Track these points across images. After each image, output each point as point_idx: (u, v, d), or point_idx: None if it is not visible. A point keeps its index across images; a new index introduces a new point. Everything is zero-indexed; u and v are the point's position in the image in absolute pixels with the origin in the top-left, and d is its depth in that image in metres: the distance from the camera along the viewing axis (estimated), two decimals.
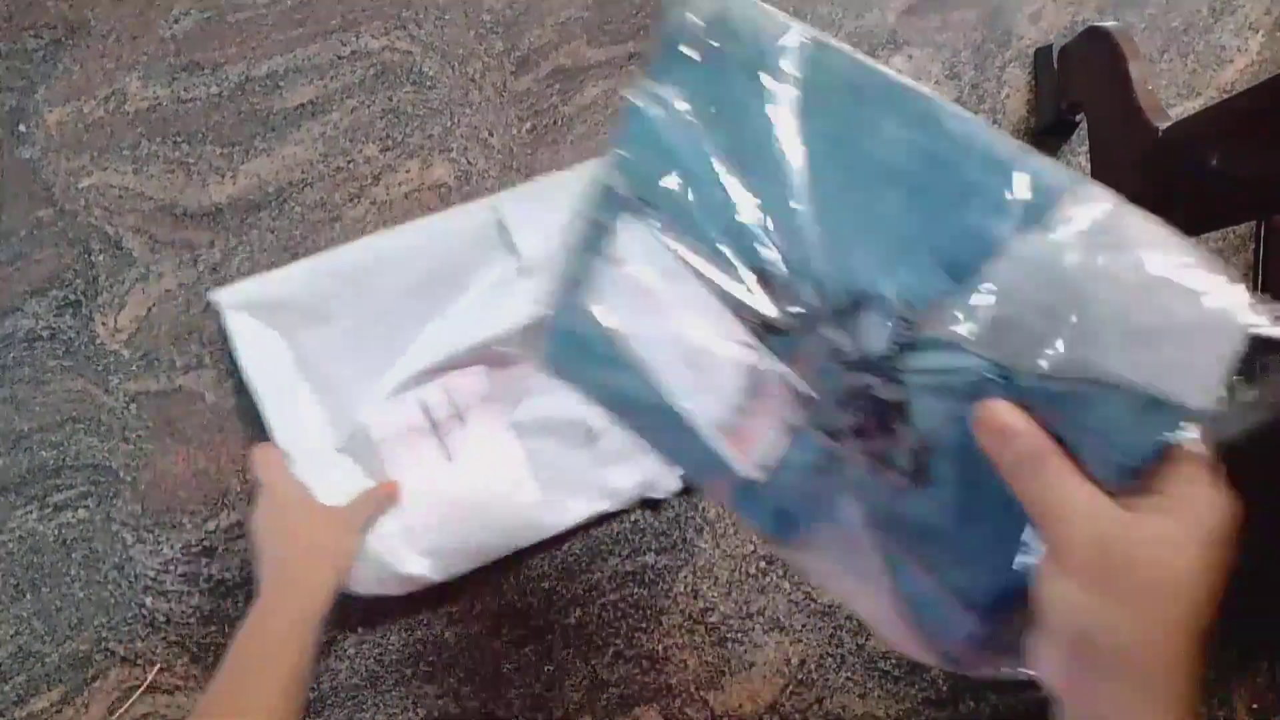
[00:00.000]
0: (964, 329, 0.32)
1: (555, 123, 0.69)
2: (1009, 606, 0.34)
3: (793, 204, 0.36)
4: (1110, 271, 0.31)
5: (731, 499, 0.40)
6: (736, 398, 0.37)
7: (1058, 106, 0.66)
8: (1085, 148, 0.68)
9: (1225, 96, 0.68)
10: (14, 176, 0.69)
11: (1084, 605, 0.27)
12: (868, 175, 0.35)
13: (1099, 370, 0.30)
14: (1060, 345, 0.30)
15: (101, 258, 0.68)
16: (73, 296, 0.68)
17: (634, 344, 0.39)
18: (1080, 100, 0.64)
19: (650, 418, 0.40)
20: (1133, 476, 0.29)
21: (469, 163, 0.69)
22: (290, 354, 0.65)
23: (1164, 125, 0.53)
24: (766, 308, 0.35)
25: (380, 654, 0.67)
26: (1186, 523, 0.28)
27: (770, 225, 0.36)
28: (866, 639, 0.68)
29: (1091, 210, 0.31)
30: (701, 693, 0.68)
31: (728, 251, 0.36)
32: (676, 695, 0.68)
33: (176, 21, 0.70)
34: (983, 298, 0.31)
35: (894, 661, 0.68)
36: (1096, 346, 0.30)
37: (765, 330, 0.36)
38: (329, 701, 0.66)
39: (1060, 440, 0.30)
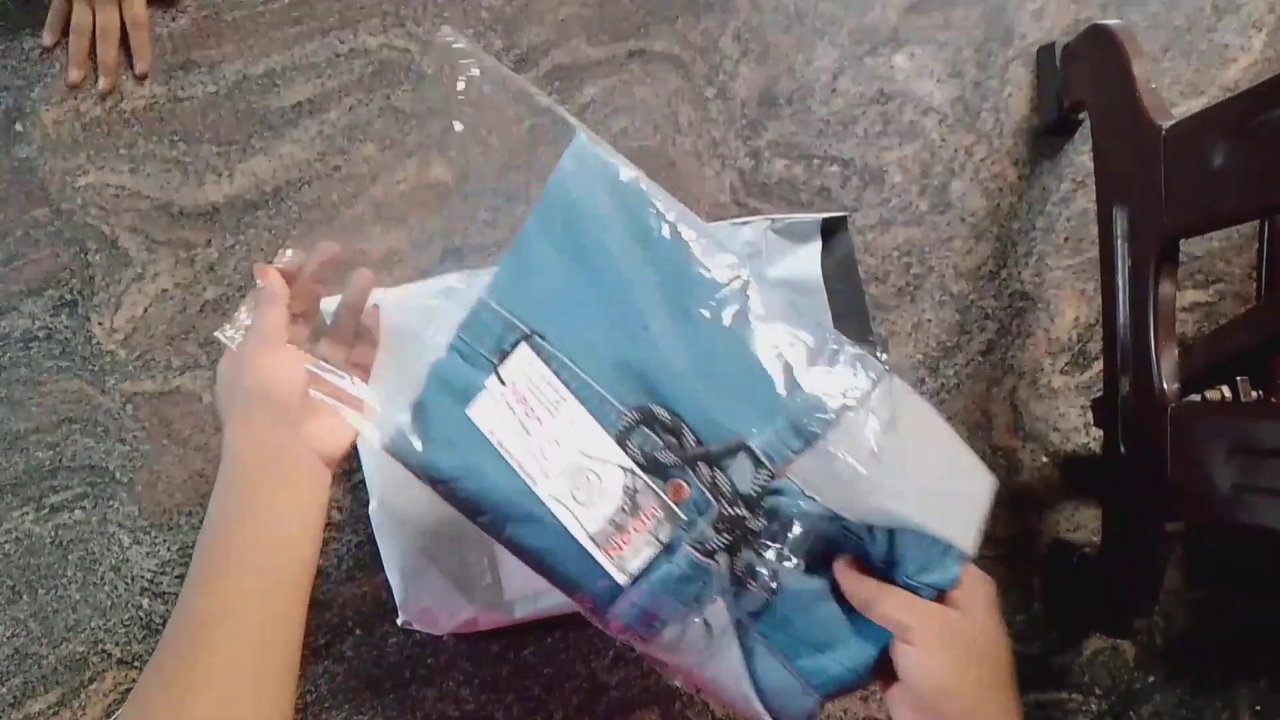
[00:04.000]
0: (811, 483, 0.43)
1: (555, 121, 0.69)
2: (848, 685, 0.45)
3: (665, 352, 0.45)
4: (905, 450, 0.44)
5: (594, 604, 0.46)
6: (612, 512, 0.44)
7: (1060, 105, 0.66)
8: (1088, 147, 0.68)
9: (1229, 95, 0.68)
10: (10, 176, 0.69)
11: (940, 669, 0.40)
12: (725, 332, 0.45)
13: (901, 522, 0.42)
14: (872, 500, 0.42)
15: (98, 257, 0.68)
16: (69, 296, 0.68)
17: (512, 449, 0.45)
18: (1083, 99, 0.64)
19: (519, 521, 0.45)
20: (937, 590, 0.42)
21: (468, 162, 0.69)
22: (394, 377, 0.63)
23: (1167, 124, 0.52)
24: (647, 447, 0.44)
25: (379, 656, 0.67)
26: (986, 608, 0.42)
27: (648, 372, 0.45)
28: None
29: (895, 398, 0.45)
30: (702, 695, 0.67)
31: (608, 393, 0.45)
32: (677, 698, 0.67)
33: (173, 20, 0.69)
34: (823, 460, 0.43)
35: None
36: (898, 503, 0.42)
37: (645, 458, 0.44)
38: (327, 704, 0.65)
39: (891, 556, 0.43)
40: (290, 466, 0.45)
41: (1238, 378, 0.56)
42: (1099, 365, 0.68)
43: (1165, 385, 0.53)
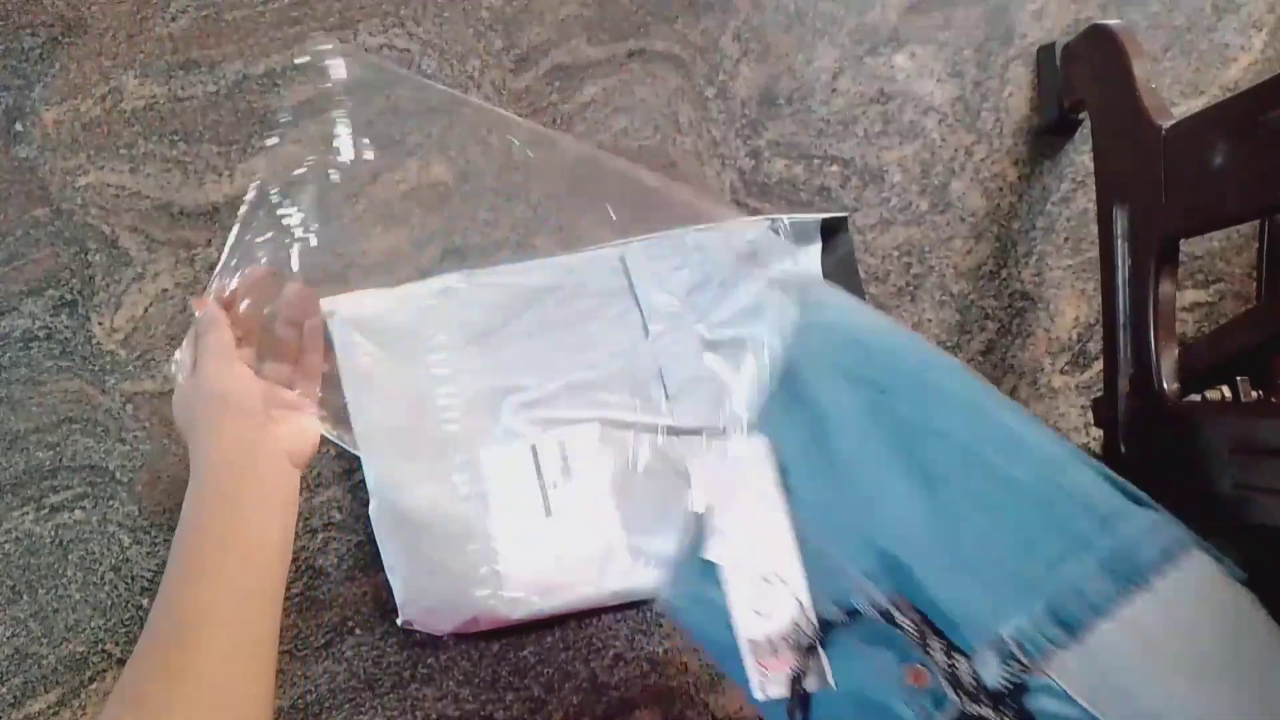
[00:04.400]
0: (1076, 684, 0.34)
1: (555, 121, 0.69)
2: None
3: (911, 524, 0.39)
4: (1212, 654, 0.33)
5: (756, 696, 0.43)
6: (783, 629, 0.41)
7: (1060, 105, 0.66)
8: (1088, 146, 0.68)
9: (1229, 95, 0.68)
10: (10, 176, 0.69)
11: None
12: (973, 496, 0.39)
13: None
14: (1168, 709, 0.32)
15: (98, 257, 0.68)
16: (69, 296, 0.68)
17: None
18: (1083, 98, 0.64)
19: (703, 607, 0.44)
20: None
21: (467, 162, 0.69)
22: (395, 375, 0.65)
23: (1167, 124, 0.52)
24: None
25: (378, 656, 0.67)
26: None
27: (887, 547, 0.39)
28: None
29: (1194, 580, 0.35)
30: (702, 696, 0.67)
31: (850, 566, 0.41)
32: (677, 698, 0.67)
33: (174, 19, 0.69)
34: (1094, 658, 0.34)
35: None
36: None
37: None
38: (326, 704, 0.65)
39: None
40: (261, 467, 0.47)
41: (1238, 378, 0.56)
42: (1099, 365, 0.68)
43: (1165, 385, 0.53)
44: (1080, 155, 0.69)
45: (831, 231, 0.65)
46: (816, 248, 0.64)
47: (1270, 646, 0.33)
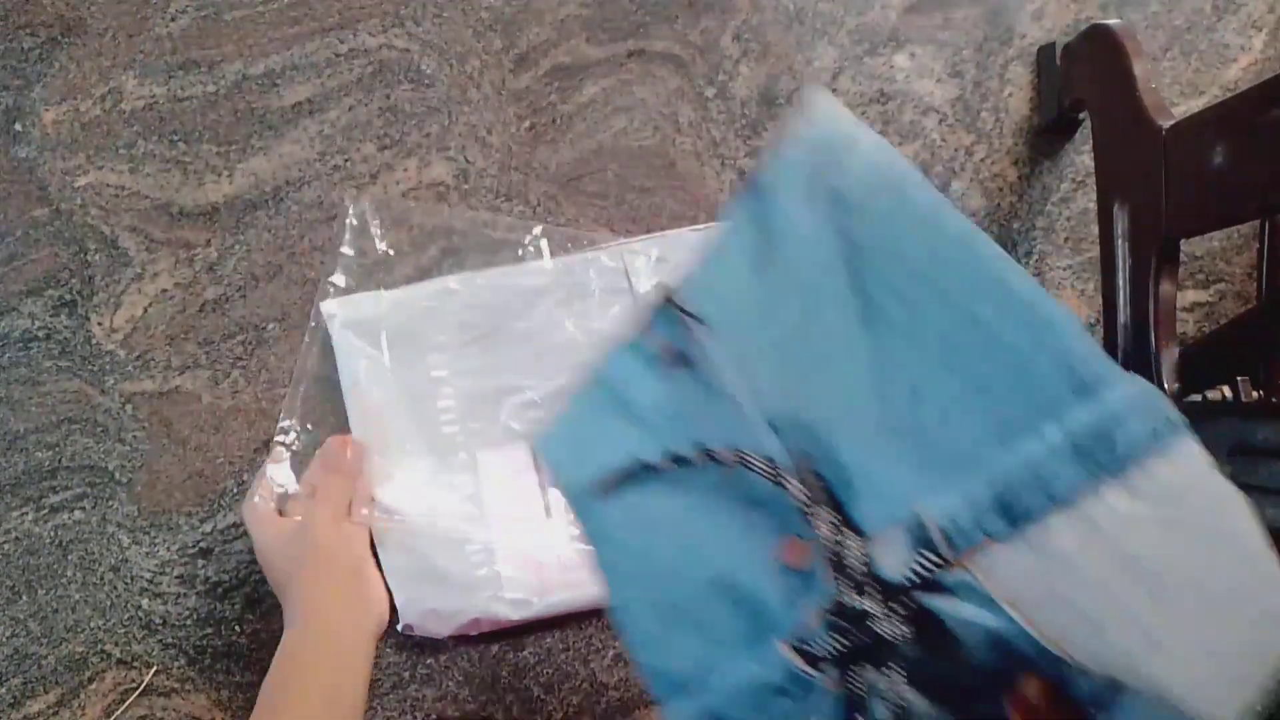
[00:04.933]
0: (1003, 586, 0.27)
1: (555, 121, 0.69)
2: None
3: (847, 388, 0.31)
4: (1187, 568, 0.26)
5: (657, 690, 0.34)
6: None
7: (1060, 104, 0.66)
8: (1088, 146, 0.68)
9: (1229, 95, 0.68)
10: (9, 176, 0.69)
11: None
12: (930, 353, 0.30)
13: (1141, 679, 0.25)
14: (1110, 637, 0.26)
15: (97, 257, 0.68)
16: (68, 296, 0.68)
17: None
18: (1083, 98, 0.64)
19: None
20: None
21: (468, 161, 0.69)
22: (395, 378, 0.65)
23: (1167, 124, 0.52)
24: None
25: (377, 657, 0.67)
26: None
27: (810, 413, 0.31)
28: None
29: (1180, 475, 0.27)
30: None
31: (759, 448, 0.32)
32: None
33: (173, 20, 0.69)
34: (1037, 557, 0.27)
35: None
36: (1150, 653, 0.25)
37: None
38: None
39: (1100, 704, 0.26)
40: (358, 634, 0.52)
41: (1238, 378, 0.56)
42: None
43: (1165, 385, 0.53)
44: (1080, 155, 0.69)
45: None
46: None
47: (1259, 568, 0.26)
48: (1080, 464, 0.27)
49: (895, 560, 0.28)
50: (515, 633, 0.66)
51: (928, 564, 0.28)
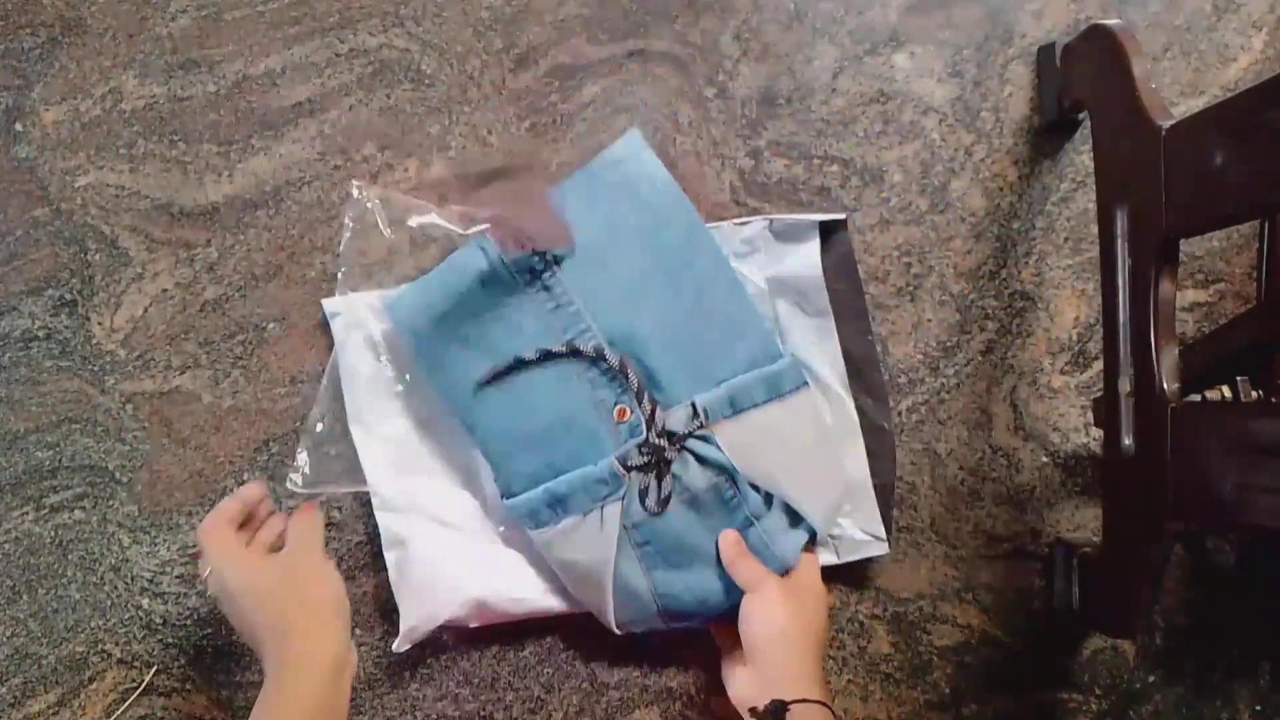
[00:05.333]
0: (727, 442, 0.58)
1: (555, 121, 0.69)
2: (686, 610, 0.61)
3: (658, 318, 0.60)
4: (801, 442, 0.60)
5: (505, 487, 0.62)
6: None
7: (1060, 105, 0.66)
8: (1088, 146, 0.68)
9: (1229, 95, 0.68)
10: (9, 176, 0.69)
11: (772, 618, 0.55)
12: (704, 311, 0.60)
13: (782, 494, 0.59)
14: (769, 469, 0.59)
15: (97, 257, 0.68)
16: (69, 296, 0.68)
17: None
18: (1083, 98, 0.63)
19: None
20: (781, 565, 0.59)
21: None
22: (397, 378, 0.65)
23: (1167, 124, 0.52)
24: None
25: (378, 657, 0.67)
26: (815, 589, 0.59)
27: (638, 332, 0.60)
28: (868, 642, 0.68)
29: (804, 402, 0.61)
30: (702, 695, 0.67)
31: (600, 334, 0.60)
32: (677, 698, 0.67)
33: (173, 19, 0.69)
34: (742, 428, 0.58)
35: (896, 664, 0.68)
36: (785, 479, 0.59)
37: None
38: None
39: (759, 514, 0.60)
40: (342, 677, 0.52)
41: (1238, 378, 0.56)
42: (1099, 365, 0.68)
43: (1165, 385, 0.53)
44: (1080, 155, 0.69)
45: (829, 232, 0.65)
46: (814, 247, 0.64)
47: (827, 449, 0.62)
48: (767, 389, 0.59)
49: (678, 423, 0.58)
50: (515, 632, 0.66)
51: (694, 427, 0.58)
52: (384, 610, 0.66)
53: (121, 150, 0.69)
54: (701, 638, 0.65)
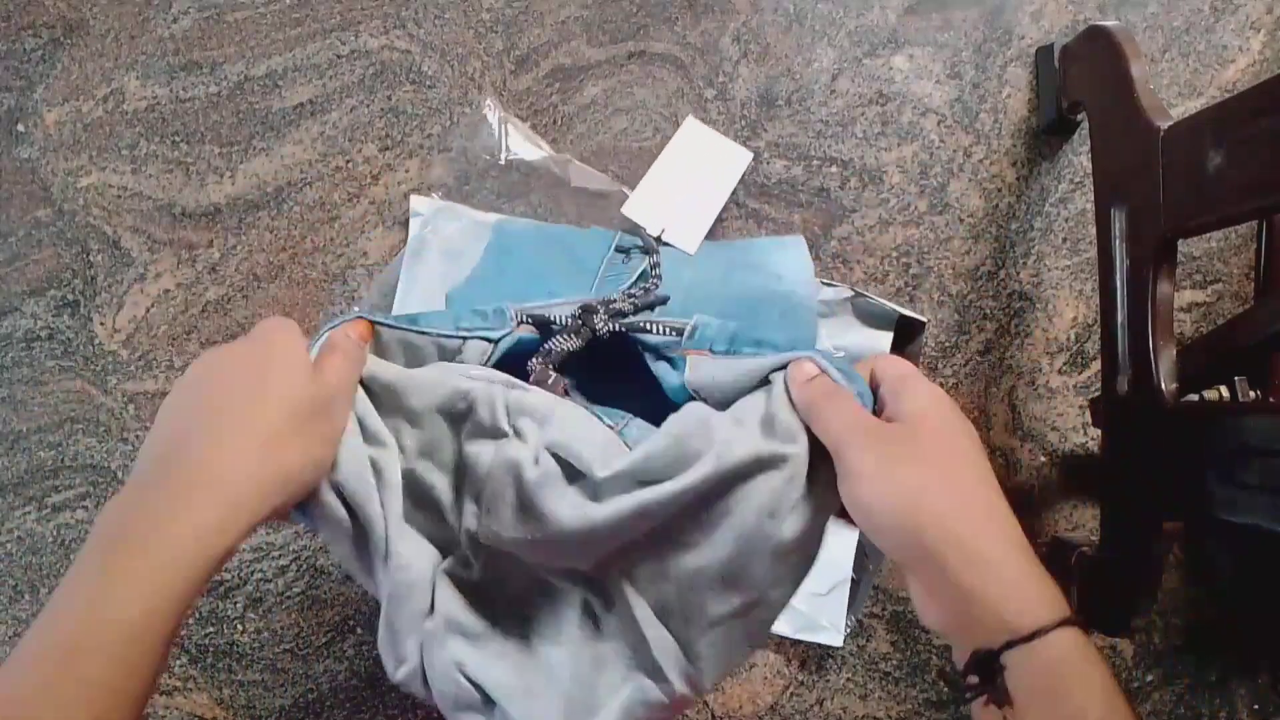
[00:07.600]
0: (696, 374, 0.48)
1: (555, 122, 0.69)
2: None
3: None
4: (736, 382, 0.47)
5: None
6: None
7: (1059, 106, 0.66)
8: (1086, 147, 0.68)
9: (1227, 96, 0.68)
10: (12, 176, 0.69)
11: (900, 482, 0.31)
12: (744, 299, 0.62)
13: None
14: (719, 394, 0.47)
15: (100, 258, 0.68)
16: (71, 297, 0.68)
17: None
18: (1081, 99, 0.64)
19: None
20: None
21: (469, 162, 0.69)
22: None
23: (1165, 125, 0.53)
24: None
25: (379, 655, 0.67)
26: (935, 401, 0.36)
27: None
28: (867, 641, 0.68)
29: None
30: (702, 695, 0.67)
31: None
32: None
33: (175, 21, 0.70)
34: (716, 363, 0.48)
35: (895, 663, 0.68)
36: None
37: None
38: (328, 703, 0.66)
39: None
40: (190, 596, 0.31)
41: (1236, 378, 0.57)
42: (1097, 365, 0.68)
43: (1164, 385, 0.53)
44: (1078, 156, 0.69)
45: (906, 326, 0.64)
46: (888, 338, 0.64)
47: (768, 395, 0.46)
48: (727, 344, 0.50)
49: (665, 334, 0.50)
50: None
51: (669, 337, 0.50)
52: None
53: (124, 151, 0.69)
54: None
